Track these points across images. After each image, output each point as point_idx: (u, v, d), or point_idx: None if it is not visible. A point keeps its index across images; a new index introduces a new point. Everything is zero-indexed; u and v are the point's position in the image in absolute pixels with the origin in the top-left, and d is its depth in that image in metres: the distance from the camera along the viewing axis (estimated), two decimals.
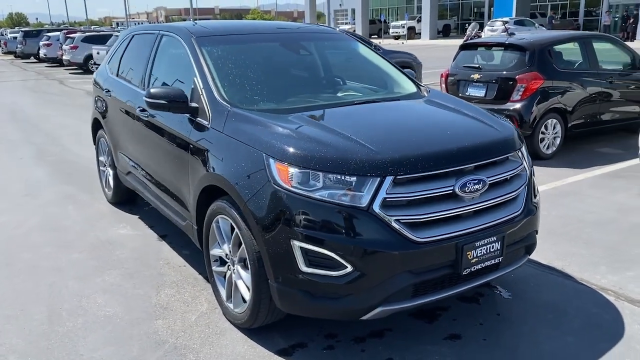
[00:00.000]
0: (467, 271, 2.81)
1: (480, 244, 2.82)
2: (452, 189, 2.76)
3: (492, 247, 2.87)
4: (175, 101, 3.45)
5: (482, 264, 2.86)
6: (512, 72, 7.01)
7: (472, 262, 2.81)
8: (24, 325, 3.32)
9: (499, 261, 2.95)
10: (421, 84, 4.14)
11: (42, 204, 5.63)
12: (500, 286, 3.65)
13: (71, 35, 24.67)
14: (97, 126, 5.60)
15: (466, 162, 2.85)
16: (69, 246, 4.52)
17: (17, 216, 5.28)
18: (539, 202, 3.31)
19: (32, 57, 31.64)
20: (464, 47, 8.12)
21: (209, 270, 3.45)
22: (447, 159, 2.80)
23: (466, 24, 38.31)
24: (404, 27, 45.54)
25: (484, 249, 2.84)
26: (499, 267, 3.00)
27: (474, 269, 2.84)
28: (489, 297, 3.54)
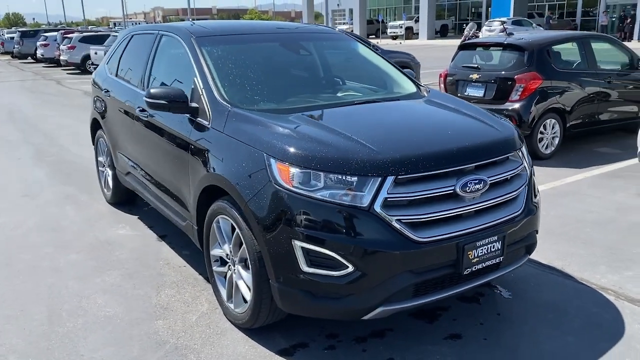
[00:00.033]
0: (468, 271, 2.82)
1: (481, 244, 2.82)
2: (453, 189, 2.77)
3: (493, 247, 2.88)
4: (175, 101, 3.44)
5: (483, 264, 2.87)
6: (510, 72, 7.01)
7: (473, 261, 2.81)
8: (24, 325, 3.31)
9: (500, 261, 2.95)
10: (421, 84, 4.14)
11: (41, 205, 5.62)
12: (500, 286, 3.65)
13: (69, 35, 24.61)
14: (96, 126, 5.59)
15: (467, 162, 2.85)
16: (68, 246, 4.51)
17: (16, 217, 5.27)
18: (539, 201, 3.31)
19: (30, 58, 31.56)
20: (462, 47, 8.13)
21: (209, 270, 3.44)
22: (447, 158, 2.81)
23: (464, 24, 38.35)
24: (401, 27, 45.60)
25: (485, 249, 2.84)
26: (500, 266, 3.00)
27: (475, 268, 2.84)
28: (489, 296, 3.55)
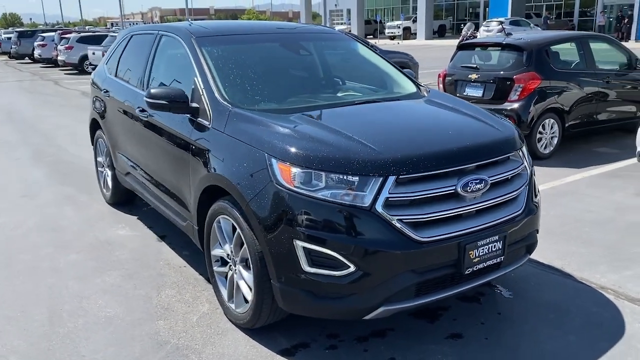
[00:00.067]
0: (469, 270, 2.82)
1: (482, 243, 2.82)
2: (454, 189, 2.77)
3: (494, 247, 2.88)
4: (175, 101, 3.44)
5: (484, 263, 2.87)
6: (509, 72, 7.02)
7: (475, 261, 2.82)
8: (25, 326, 3.31)
9: (501, 260, 2.96)
10: (421, 84, 4.15)
11: (41, 205, 5.61)
12: (501, 285, 3.66)
13: (66, 35, 24.56)
14: (95, 127, 5.58)
15: (468, 161, 2.86)
16: (68, 247, 4.50)
17: (16, 217, 5.25)
18: (539, 201, 3.32)
19: (27, 58, 31.52)
20: (461, 47, 8.14)
21: (210, 270, 3.44)
22: (449, 158, 2.81)
23: (461, 25, 38.34)
24: (399, 27, 45.63)
25: (486, 248, 2.85)
26: (501, 266, 3.01)
27: (476, 268, 2.85)
28: (490, 296, 3.55)
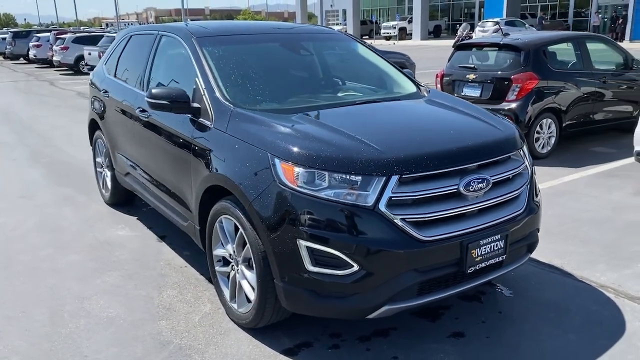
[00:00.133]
0: (471, 269, 2.83)
1: (484, 242, 2.84)
2: (457, 188, 2.78)
3: (496, 246, 2.89)
4: (177, 101, 3.44)
5: (486, 262, 2.88)
6: (507, 72, 7.05)
7: (477, 260, 2.83)
8: (26, 326, 3.30)
9: (503, 259, 2.97)
10: (421, 84, 4.16)
11: (39, 205, 5.59)
12: (501, 284, 3.67)
13: (61, 36, 24.48)
14: (94, 127, 5.57)
15: (470, 161, 2.87)
16: (68, 247, 4.49)
17: (15, 218, 5.24)
18: (540, 200, 3.33)
19: (22, 58, 31.40)
20: (459, 48, 8.16)
21: (211, 270, 3.44)
22: (451, 158, 2.82)
23: (457, 25, 38.47)
24: (395, 27, 45.69)
25: (488, 247, 2.86)
26: (502, 265, 3.02)
27: (479, 267, 2.86)
28: (491, 295, 3.57)
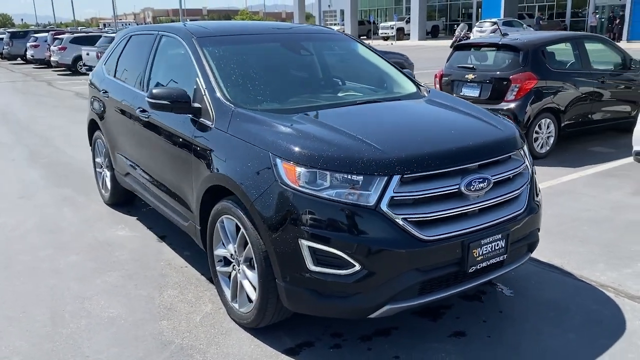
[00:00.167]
0: (473, 269, 2.84)
1: (485, 242, 2.84)
2: (458, 188, 2.79)
3: (497, 245, 2.90)
4: (178, 102, 3.44)
5: (487, 262, 2.89)
6: (506, 72, 7.06)
7: (478, 259, 2.84)
8: (27, 327, 3.30)
9: (504, 259, 2.98)
10: (421, 84, 4.17)
11: (39, 206, 5.58)
12: (502, 284, 3.68)
13: (59, 36, 24.43)
14: (93, 127, 5.56)
15: (471, 160, 2.88)
16: (68, 248, 4.49)
17: (14, 218, 5.23)
18: (540, 200, 3.34)
19: (19, 59, 31.33)
20: (458, 48, 8.17)
21: (212, 270, 3.44)
22: (452, 157, 2.83)
23: (455, 25, 38.55)
24: (392, 28, 45.71)
25: (489, 247, 2.87)
26: (503, 264, 3.03)
27: (480, 266, 2.87)
28: (492, 295, 3.58)
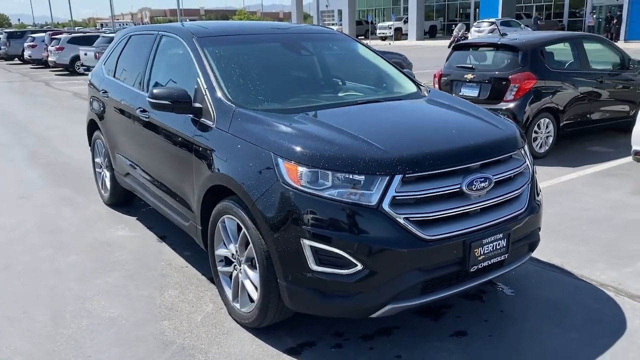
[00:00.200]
0: (474, 268, 2.84)
1: (487, 241, 2.85)
2: (459, 187, 2.79)
3: (499, 244, 2.91)
4: (178, 101, 3.43)
5: (488, 261, 2.90)
6: (505, 72, 7.07)
7: (479, 259, 2.84)
8: (28, 327, 3.29)
9: (505, 258, 2.98)
10: (421, 84, 4.17)
11: (38, 206, 5.57)
12: (502, 283, 3.69)
13: (57, 36, 24.37)
14: (93, 127, 5.55)
15: (472, 160, 2.88)
16: (68, 248, 4.48)
17: (14, 218, 5.22)
18: (541, 199, 3.35)
19: (16, 59, 31.23)
20: (456, 48, 8.18)
21: (214, 270, 3.44)
22: (453, 157, 2.83)
23: (452, 25, 38.58)
24: (390, 28, 45.73)
25: (491, 246, 2.87)
26: (505, 264, 3.04)
27: (481, 266, 2.87)
28: (492, 294, 3.58)
